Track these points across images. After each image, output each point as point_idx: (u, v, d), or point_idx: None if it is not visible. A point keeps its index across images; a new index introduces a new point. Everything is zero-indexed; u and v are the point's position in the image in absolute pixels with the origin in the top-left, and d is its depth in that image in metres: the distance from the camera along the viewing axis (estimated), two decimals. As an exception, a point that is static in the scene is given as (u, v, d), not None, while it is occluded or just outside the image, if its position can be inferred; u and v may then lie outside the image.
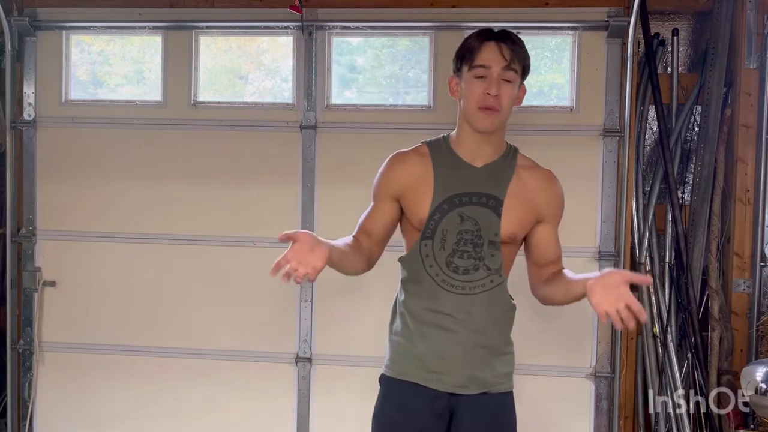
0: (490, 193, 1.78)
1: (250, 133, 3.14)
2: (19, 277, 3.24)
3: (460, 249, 1.77)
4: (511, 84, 1.74)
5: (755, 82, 2.93)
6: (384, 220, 1.86)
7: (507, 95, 1.73)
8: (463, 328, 1.78)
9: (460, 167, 1.80)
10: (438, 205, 1.78)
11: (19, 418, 3.26)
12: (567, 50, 3.06)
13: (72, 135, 3.22)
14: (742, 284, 2.95)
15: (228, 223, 3.15)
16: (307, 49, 3.08)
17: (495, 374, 1.83)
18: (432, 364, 1.80)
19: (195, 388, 3.18)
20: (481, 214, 1.77)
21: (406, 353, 1.83)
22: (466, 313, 1.78)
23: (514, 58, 1.73)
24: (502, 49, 1.73)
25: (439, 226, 1.78)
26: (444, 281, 1.78)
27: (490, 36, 1.75)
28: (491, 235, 1.77)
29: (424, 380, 1.80)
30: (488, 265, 1.78)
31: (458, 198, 1.78)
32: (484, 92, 1.72)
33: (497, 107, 1.72)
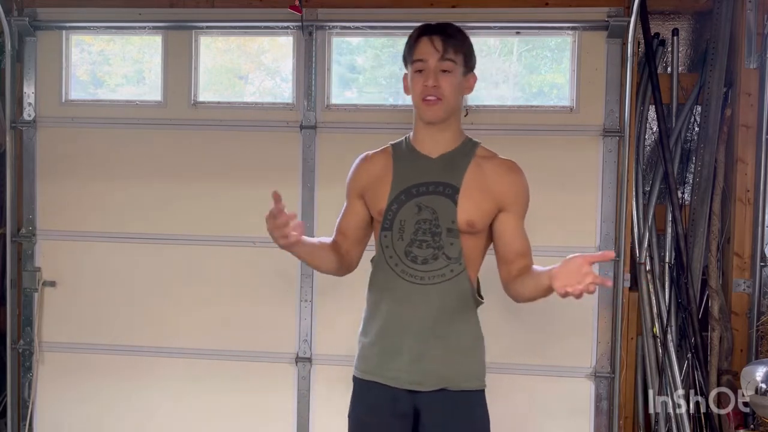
0: (447, 181, 1.80)
1: (250, 133, 3.14)
2: (19, 277, 3.24)
3: (419, 239, 1.79)
4: (451, 73, 1.78)
5: (755, 82, 2.93)
6: (355, 217, 1.91)
7: (447, 84, 1.77)
8: (420, 319, 1.78)
9: (418, 159, 1.84)
10: (395, 196, 1.82)
11: (19, 418, 3.26)
12: (567, 50, 3.06)
13: (72, 135, 3.22)
14: (742, 284, 2.95)
15: (228, 223, 3.15)
16: (307, 49, 3.08)
17: (455, 370, 1.80)
18: (389, 360, 1.81)
19: (195, 388, 3.18)
20: (438, 202, 1.79)
21: (368, 351, 1.87)
22: (422, 303, 1.78)
23: (448, 48, 1.77)
24: (434, 42, 1.78)
25: (396, 216, 1.80)
26: (403, 271, 1.79)
27: (423, 31, 1.81)
28: (448, 222, 1.78)
29: (384, 378, 1.82)
30: (447, 254, 1.78)
31: (415, 188, 1.81)
32: (423, 84, 1.77)
33: (438, 96, 1.76)
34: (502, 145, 2.92)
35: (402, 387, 1.80)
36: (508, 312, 2.86)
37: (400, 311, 1.80)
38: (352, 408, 1.90)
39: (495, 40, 3.18)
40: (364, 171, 1.91)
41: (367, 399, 1.86)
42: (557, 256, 2.99)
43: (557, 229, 2.98)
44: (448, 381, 1.79)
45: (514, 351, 2.95)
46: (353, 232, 1.92)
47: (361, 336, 1.91)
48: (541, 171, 2.95)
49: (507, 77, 3.17)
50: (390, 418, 1.82)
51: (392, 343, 1.81)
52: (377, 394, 1.83)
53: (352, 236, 1.92)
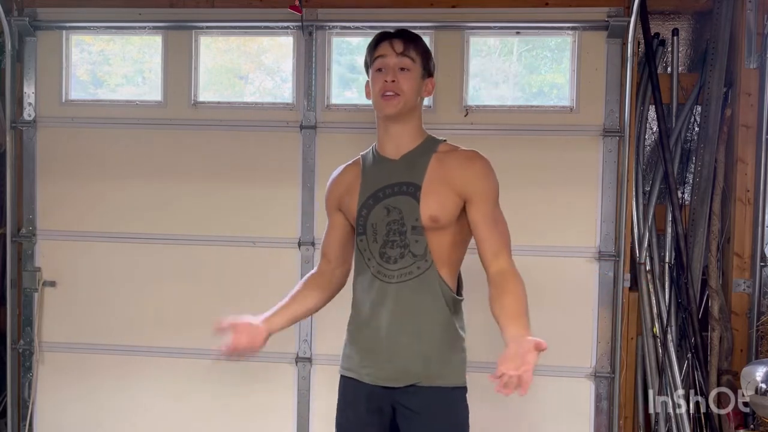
0: (409, 180, 1.83)
1: (250, 133, 3.14)
2: (19, 277, 3.24)
3: (390, 239, 1.82)
4: (409, 71, 1.82)
5: (755, 82, 2.93)
6: (338, 233, 1.98)
7: (405, 81, 1.81)
8: (390, 316, 1.82)
9: (382, 163, 1.88)
10: (364, 201, 1.86)
11: (19, 418, 3.26)
12: (567, 50, 3.06)
13: (72, 135, 3.22)
14: (742, 284, 2.95)
15: (228, 223, 3.15)
16: (307, 49, 3.08)
17: (427, 366, 1.80)
18: (363, 357, 1.87)
19: (195, 388, 3.18)
20: (403, 202, 1.82)
21: (348, 349, 1.93)
22: (392, 301, 1.81)
23: (407, 47, 1.83)
24: (393, 43, 1.84)
25: (368, 220, 1.85)
26: (379, 272, 1.83)
27: (384, 35, 1.88)
28: (412, 220, 1.80)
29: (359, 375, 1.87)
30: (413, 252, 1.80)
31: (382, 191, 1.85)
32: (383, 80, 1.82)
33: (397, 91, 1.80)
34: (502, 145, 2.95)
35: (377, 384, 1.84)
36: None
37: (374, 310, 1.85)
38: (337, 403, 1.97)
39: (495, 40, 3.18)
40: (336, 184, 1.98)
41: (347, 395, 1.93)
42: (558, 256, 3.01)
43: (557, 229, 2.98)
44: (420, 377, 1.81)
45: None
46: (337, 250, 1.99)
47: (346, 334, 1.97)
48: (541, 171, 2.96)
49: (507, 77, 3.17)
50: (366, 413, 1.87)
51: (367, 342, 1.87)
52: (355, 390, 1.89)
53: (335, 256, 1.99)
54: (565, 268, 2.97)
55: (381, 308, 1.83)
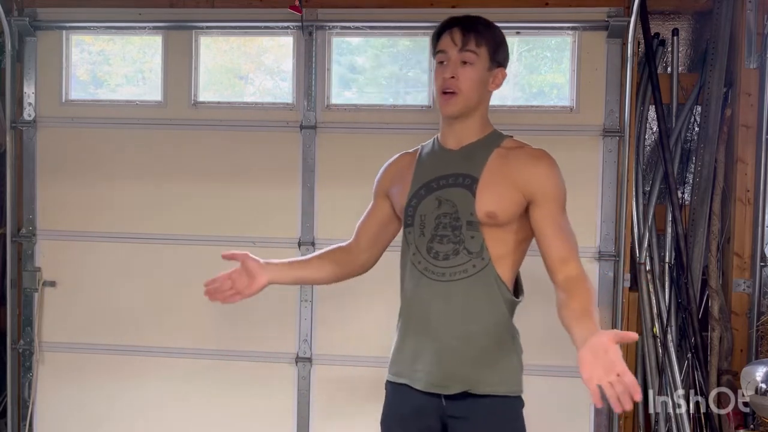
0: (466, 172, 1.72)
1: (250, 133, 3.14)
2: (19, 277, 3.24)
3: (439, 234, 1.70)
4: (472, 65, 1.72)
5: (755, 82, 2.93)
6: (376, 217, 1.89)
7: (465, 77, 1.71)
8: (442, 318, 1.70)
9: (439, 153, 1.80)
10: (416, 190, 1.76)
11: (19, 418, 3.26)
12: (567, 50, 3.06)
13: (72, 135, 3.22)
14: (742, 284, 2.95)
15: (228, 223, 3.15)
16: (307, 49, 3.08)
17: (480, 372, 1.69)
18: (415, 361, 1.74)
19: (195, 388, 3.18)
20: (457, 194, 1.71)
21: (396, 353, 1.80)
22: (444, 301, 1.69)
23: (468, 40, 1.72)
24: (454, 34, 1.74)
25: (417, 211, 1.74)
26: (426, 269, 1.72)
27: (447, 24, 1.78)
28: (467, 215, 1.68)
29: (410, 380, 1.75)
30: (468, 248, 1.69)
31: (435, 182, 1.74)
32: (442, 76, 1.73)
33: (455, 89, 1.70)
34: (502, 145, 2.95)
35: (427, 390, 1.71)
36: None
37: (424, 311, 1.72)
38: (383, 413, 1.83)
39: (495, 40, 3.17)
40: (389, 169, 1.90)
41: (396, 404, 1.79)
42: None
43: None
44: (472, 384, 1.69)
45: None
46: (370, 234, 1.89)
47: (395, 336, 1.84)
48: (541, 171, 2.95)
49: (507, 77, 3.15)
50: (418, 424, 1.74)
51: (415, 345, 1.74)
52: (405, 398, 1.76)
53: (366, 239, 1.89)
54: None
55: (430, 309, 1.71)
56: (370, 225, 1.90)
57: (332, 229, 3.09)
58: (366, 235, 1.90)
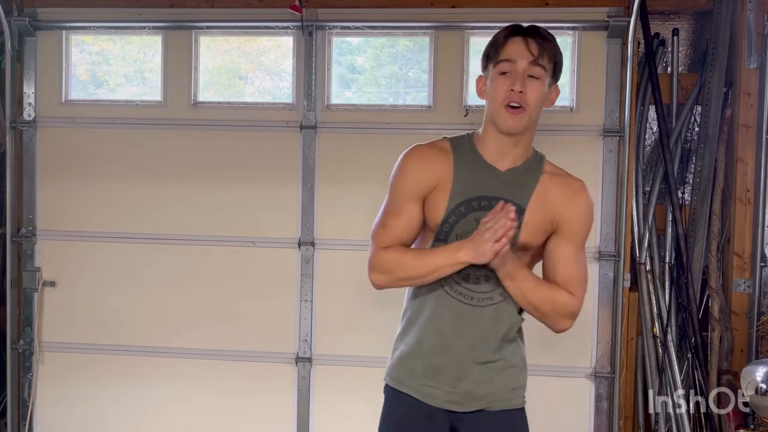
0: (513, 200, 1.64)
1: (250, 133, 3.14)
2: (19, 277, 3.24)
3: None
4: (539, 81, 1.61)
5: (755, 82, 2.93)
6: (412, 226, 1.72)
7: (533, 92, 1.60)
8: (463, 340, 1.68)
9: (483, 169, 1.68)
10: (455, 207, 1.66)
11: (19, 418, 3.26)
12: (567, 50, 3.06)
13: (72, 135, 3.22)
14: (742, 284, 2.95)
15: (228, 223, 3.15)
16: (307, 49, 3.08)
17: (495, 389, 1.70)
18: (428, 376, 1.71)
19: (195, 387, 3.18)
20: None
21: (406, 362, 1.75)
22: (469, 325, 1.67)
23: (542, 53, 1.60)
24: (529, 44, 1.60)
25: (453, 230, 1.66)
26: (452, 288, 1.67)
27: (517, 31, 1.64)
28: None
29: (420, 394, 1.72)
30: None
31: (477, 201, 1.66)
32: (509, 89, 1.60)
33: (523, 105, 1.60)
34: (502, 145, 2.95)
35: (439, 406, 1.70)
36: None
37: (444, 330, 1.68)
38: (383, 418, 1.79)
39: (495, 40, 3.17)
40: (424, 170, 1.70)
41: (400, 411, 1.75)
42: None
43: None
44: (489, 402, 1.70)
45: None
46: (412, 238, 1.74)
47: (398, 342, 1.78)
48: (541, 171, 2.95)
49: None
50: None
51: (432, 361, 1.70)
52: (411, 407, 1.73)
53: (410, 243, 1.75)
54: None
55: (453, 330, 1.68)
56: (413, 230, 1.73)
57: (332, 229, 3.09)
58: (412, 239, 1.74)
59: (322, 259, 3.10)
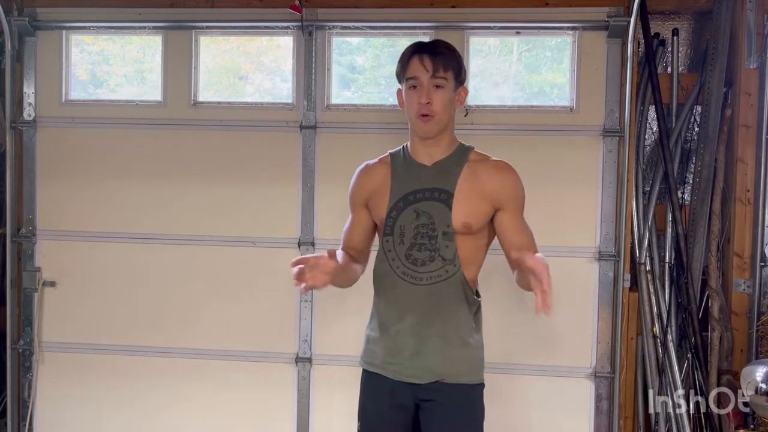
0: (441, 187, 1.91)
1: (250, 133, 3.14)
2: (19, 277, 3.24)
3: (418, 242, 1.90)
4: (443, 89, 1.89)
5: (755, 82, 2.93)
6: (362, 227, 2.04)
7: (438, 101, 1.88)
8: (417, 317, 1.90)
9: (414, 167, 1.96)
10: (395, 203, 1.93)
11: (19, 418, 3.26)
12: (567, 50, 3.06)
13: (72, 135, 3.22)
14: (742, 284, 2.95)
15: (228, 223, 3.15)
16: (307, 49, 3.08)
17: (451, 364, 1.90)
18: (389, 354, 1.94)
19: (195, 388, 3.18)
20: (434, 207, 1.90)
21: (372, 345, 2.00)
22: (421, 302, 1.90)
23: (438, 66, 1.87)
24: (424, 61, 1.88)
25: (396, 222, 1.92)
26: (404, 273, 1.91)
27: (416, 50, 1.91)
28: (444, 226, 1.88)
29: (384, 370, 1.95)
30: (443, 256, 1.89)
31: (413, 195, 1.92)
32: (418, 101, 1.88)
33: (431, 113, 1.87)
34: (502, 145, 2.94)
35: (402, 380, 1.92)
36: (508, 312, 2.86)
37: (400, 310, 1.92)
38: (360, 394, 2.03)
39: (495, 40, 3.17)
40: (365, 181, 2.03)
41: (370, 388, 2.00)
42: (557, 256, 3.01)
43: (557, 229, 2.97)
44: (444, 375, 1.90)
45: (515, 351, 2.95)
46: (361, 241, 2.05)
47: (367, 329, 2.04)
48: (541, 171, 2.96)
49: (507, 77, 3.16)
50: (388, 408, 1.94)
51: (393, 340, 1.94)
52: (378, 384, 1.96)
53: (357, 251, 2.04)
54: (565, 268, 2.96)
55: (408, 309, 1.91)
56: (357, 237, 2.04)
57: (332, 229, 3.08)
58: (356, 247, 2.04)
59: (322, 259, 3.10)
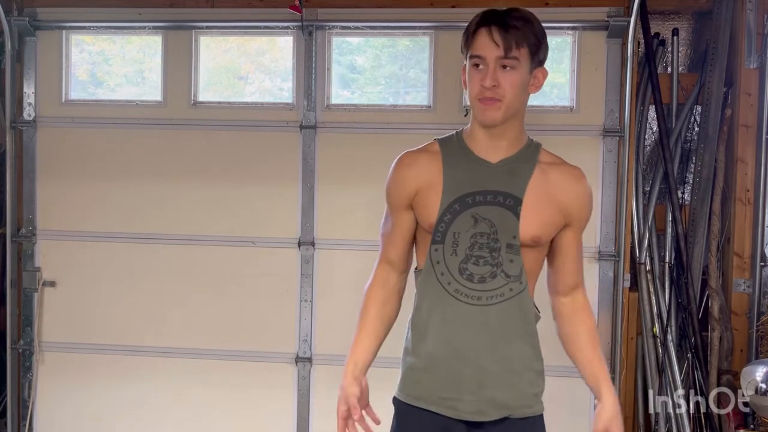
0: (507, 191, 1.60)
1: (250, 133, 3.14)
2: (19, 277, 3.24)
3: (475, 254, 1.59)
4: (514, 69, 1.54)
5: (755, 82, 2.93)
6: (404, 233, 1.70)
7: (508, 83, 1.54)
8: (479, 343, 1.60)
9: (473, 163, 1.63)
10: (448, 205, 1.60)
11: (19, 418, 3.26)
12: (567, 50, 3.06)
13: (72, 135, 3.22)
14: (742, 284, 2.95)
15: (228, 223, 3.15)
16: (307, 49, 3.08)
17: (518, 395, 1.62)
18: (444, 387, 1.62)
19: (195, 388, 3.18)
20: (497, 214, 1.59)
21: (416, 375, 1.66)
22: (481, 326, 1.60)
23: (510, 43, 1.53)
24: (493, 36, 1.54)
25: (449, 228, 1.60)
26: (457, 291, 1.60)
27: (484, 21, 1.57)
28: (509, 237, 1.58)
29: (439, 408, 1.62)
30: (506, 272, 1.59)
31: (471, 197, 1.60)
32: (480, 84, 1.56)
33: (496, 97, 1.55)
34: (502, 145, 2.95)
35: (459, 418, 1.61)
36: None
37: (456, 334, 1.61)
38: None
39: (495, 40, 3.17)
40: (410, 175, 1.67)
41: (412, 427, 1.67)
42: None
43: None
44: (512, 409, 1.62)
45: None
46: (404, 254, 1.72)
47: (407, 356, 1.69)
48: (541, 171, 2.95)
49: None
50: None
51: (449, 369, 1.61)
52: (427, 422, 1.63)
53: (402, 260, 1.72)
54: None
55: (465, 333, 1.60)
56: (403, 244, 1.71)
57: (332, 229, 3.09)
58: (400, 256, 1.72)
59: (322, 259, 3.11)
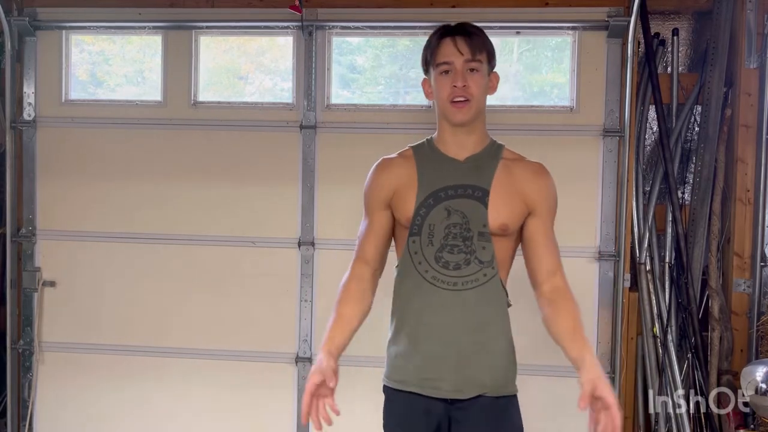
0: (475, 184, 1.76)
1: (250, 133, 3.14)
2: (19, 277, 3.24)
3: (449, 243, 1.74)
4: (479, 72, 1.75)
5: (755, 82, 2.93)
6: (379, 232, 1.84)
7: (475, 84, 1.74)
8: (456, 326, 1.73)
9: (444, 162, 1.80)
10: (423, 200, 1.76)
11: (19, 418, 3.26)
12: (567, 50, 3.06)
13: (72, 135, 3.22)
14: (742, 284, 2.95)
15: (228, 223, 3.15)
16: (307, 49, 3.08)
17: (492, 375, 1.75)
18: (426, 369, 1.75)
19: (195, 388, 3.18)
20: (467, 206, 1.75)
21: (400, 361, 1.79)
22: (458, 310, 1.73)
23: (474, 49, 1.74)
24: (458, 44, 1.75)
25: (425, 221, 1.75)
26: (434, 278, 1.74)
27: (445, 32, 1.78)
28: (480, 226, 1.73)
29: (420, 388, 1.75)
30: (480, 258, 1.74)
31: (443, 192, 1.76)
32: (452, 85, 1.74)
33: (467, 97, 1.73)
34: (502, 145, 2.95)
35: (440, 396, 1.74)
36: (508, 312, 2.85)
37: (436, 319, 1.74)
38: (385, 420, 1.85)
39: (495, 40, 3.14)
40: (386, 178, 1.83)
41: (400, 412, 1.80)
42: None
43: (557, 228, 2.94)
44: (487, 388, 1.74)
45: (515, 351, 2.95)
46: (377, 253, 1.84)
47: (391, 344, 1.83)
48: (541, 171, 2.96)
49: (507, 77, 3.16)
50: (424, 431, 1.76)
51: (431, 352, 1.74)
52: (412, 405, 1.77)
53: (375, 259, 1.84)
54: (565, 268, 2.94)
55: (444, 317, 1.73)
56: (375, 242, 1.84)
57: (332, 229, 3.09)
58: (373, 255, 1.84)
59: (322, 259, 3.11)
